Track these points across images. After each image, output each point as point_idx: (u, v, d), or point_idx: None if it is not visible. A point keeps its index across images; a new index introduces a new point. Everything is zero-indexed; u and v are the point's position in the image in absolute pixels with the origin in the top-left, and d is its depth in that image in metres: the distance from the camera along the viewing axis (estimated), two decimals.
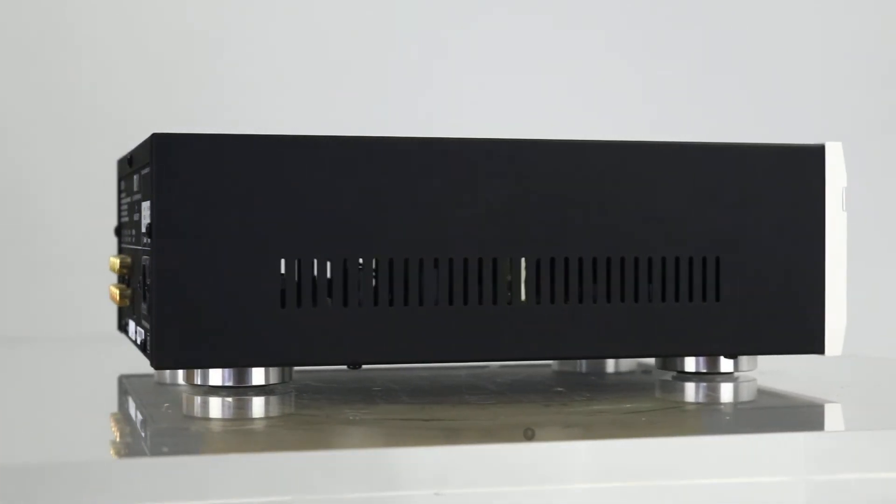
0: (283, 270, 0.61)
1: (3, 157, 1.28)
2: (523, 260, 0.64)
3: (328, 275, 0.62)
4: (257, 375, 0.64)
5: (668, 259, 0.66)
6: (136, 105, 1.31)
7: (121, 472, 0.53)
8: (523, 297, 0.64)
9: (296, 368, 0.75)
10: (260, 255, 0.61)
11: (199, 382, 0.63)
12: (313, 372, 0.79)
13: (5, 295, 1.28)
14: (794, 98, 1.40)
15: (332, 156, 0.62)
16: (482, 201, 0.63)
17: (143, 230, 0.62)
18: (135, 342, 0.69)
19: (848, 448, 0.59)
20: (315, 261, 0.62)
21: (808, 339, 0.68)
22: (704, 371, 0.70)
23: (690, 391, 0.69)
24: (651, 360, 0.77)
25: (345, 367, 0.64)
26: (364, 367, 0.79)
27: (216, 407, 0.63)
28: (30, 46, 1.30)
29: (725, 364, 0.70)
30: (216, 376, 0.63)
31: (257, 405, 0.63)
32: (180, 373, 0.69)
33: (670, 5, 1.39)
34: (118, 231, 0.79)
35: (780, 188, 0.67)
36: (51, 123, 1.29)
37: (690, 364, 0.70)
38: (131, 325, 0.71)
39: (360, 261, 0.62)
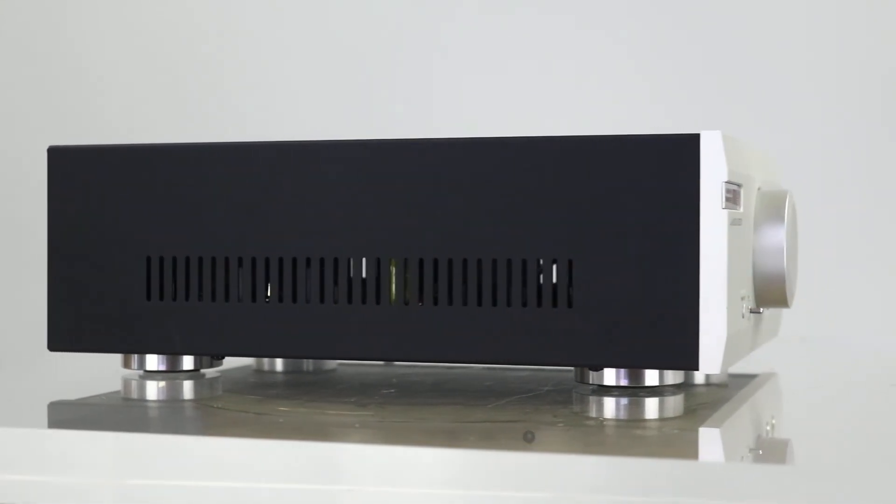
0: (149, 267, 0.67)
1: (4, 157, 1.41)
2: (364, 260, 0.64)
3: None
4: (187, 361, 0.70)
5: (515, 261, 0.62)
6: (140, 109, 1.39)
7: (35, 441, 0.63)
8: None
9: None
10: (131, 252, 0.67)
11: (135, 368, 0.71)
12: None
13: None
14: (793, 99, 1.33)
15: (195, 162, 0.67)
16: (333, 202, 0.64)
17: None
18: None
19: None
20: (174, 257, 0.67)
21: (680, 352, 0.60)
22: (626, 384, 0.64)
23: (606, 405, 0.64)
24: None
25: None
26: (368, 364, 0.82)
27: (151, 389, 0.71)
28: (33, 52, 1.43)
29: (650, 377, 0.64)
30: (152, 362, 0.71)
31: (187, 388, 0.70)
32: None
33: (672, 5, 1.36)
34: None
35: (647, 183, 0.60)
36: (54, 127, 1.40)
37: (610, 377, 0.64)
38: None
39: (212, 257, 0.66)
